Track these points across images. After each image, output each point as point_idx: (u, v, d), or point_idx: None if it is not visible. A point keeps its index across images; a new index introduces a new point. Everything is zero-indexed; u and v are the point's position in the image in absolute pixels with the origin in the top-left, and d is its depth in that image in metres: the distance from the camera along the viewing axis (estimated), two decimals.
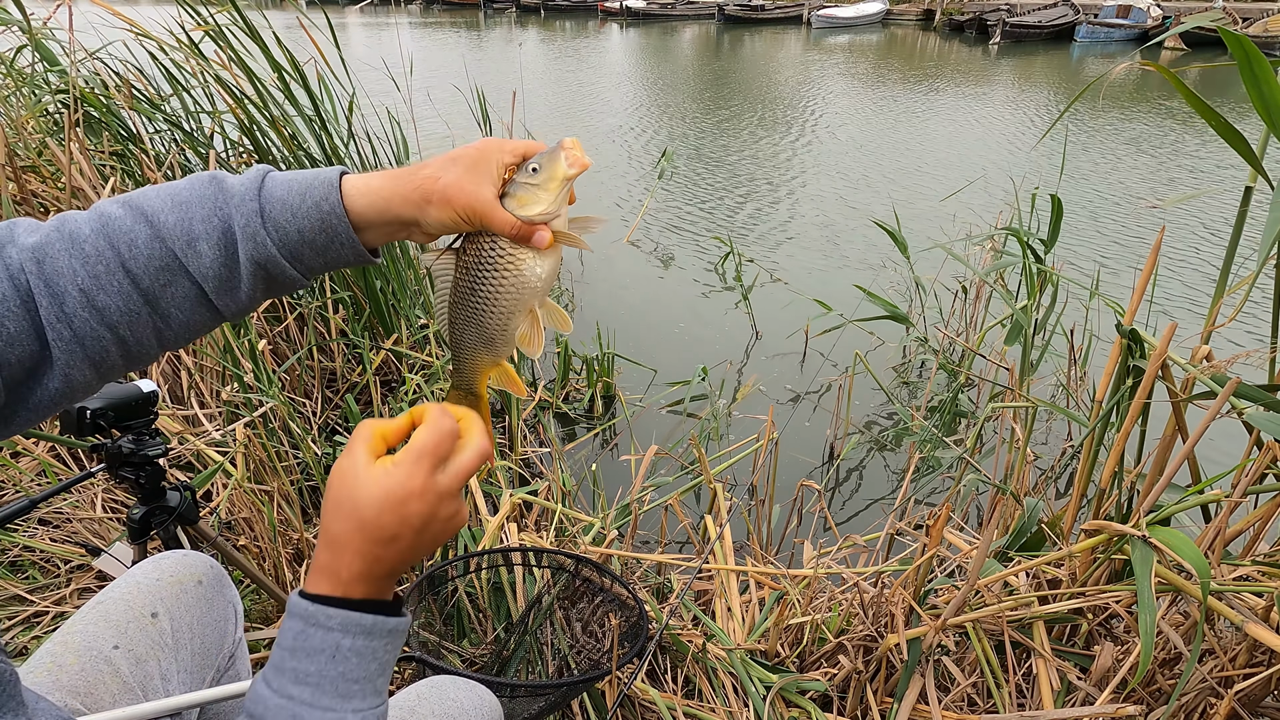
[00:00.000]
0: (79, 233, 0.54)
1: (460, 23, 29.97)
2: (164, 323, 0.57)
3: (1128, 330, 1.30)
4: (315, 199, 0.58)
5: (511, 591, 1.65)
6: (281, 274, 0.59)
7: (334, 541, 0.52)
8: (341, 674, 0.50)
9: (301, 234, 0.58)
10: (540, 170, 0.60)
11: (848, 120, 10.62)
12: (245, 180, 0.58)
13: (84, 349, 0.55)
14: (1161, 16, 22.49)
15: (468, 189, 0.58)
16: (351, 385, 2.83)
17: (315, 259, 0.59)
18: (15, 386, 0.53)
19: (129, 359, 0.58)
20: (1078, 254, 5.12)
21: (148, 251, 0.55)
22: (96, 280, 0.54)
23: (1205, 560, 0.98)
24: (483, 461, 0.56)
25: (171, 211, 0.56)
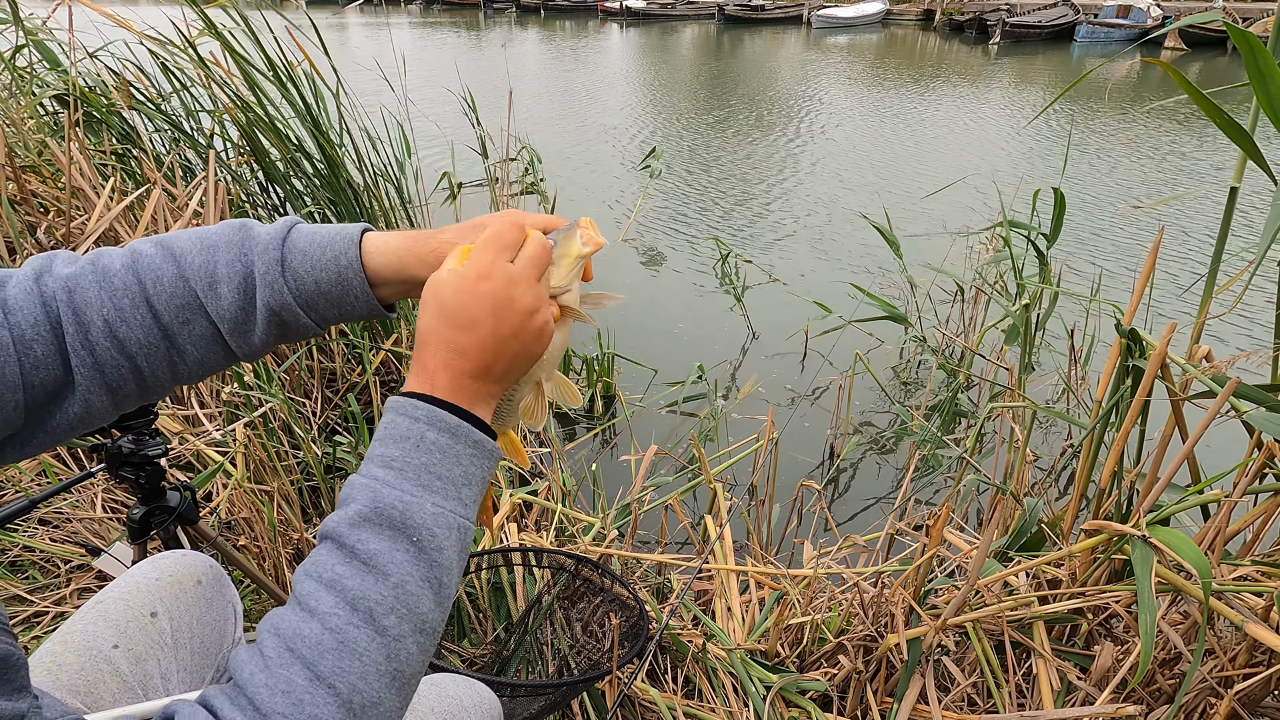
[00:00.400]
0: (110, 267, 0.58)
1: (460, 23, 29.97)
2: (179, 357, 0.60)
3: (1127, 330, 1.30)
4: (334, 253, 0.60)
5: (511, 592, 1.65)
6: (295, 321, 0.61)
7: (421, 337, 0.54)
8: (424, 465, 0.51)
9: (318, 285, 0.60)
10: (556, 247, 0.60)
11: (846, 121, 10.62)
12: (272, 230, 0.62)
13: (103, 376, 0.57)
14: (1161, 16, 22.49)
15: None
16: (351, 385, 2.83)
17: (329, 310, 0.62)
18: (36, 409, 0.56)
19: (144, 389, 0.60)
20: (1078, 254, 5.13)
21: (171, 289, 0.58)
22: (121, 313, 0.57)
23: (1206, 560, 0.98)
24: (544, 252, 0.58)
25: (199, 254, 0.59)
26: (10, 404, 0.53)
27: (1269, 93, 1.05)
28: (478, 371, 0.54)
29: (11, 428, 0.54)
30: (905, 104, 12.06)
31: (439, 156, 5.36)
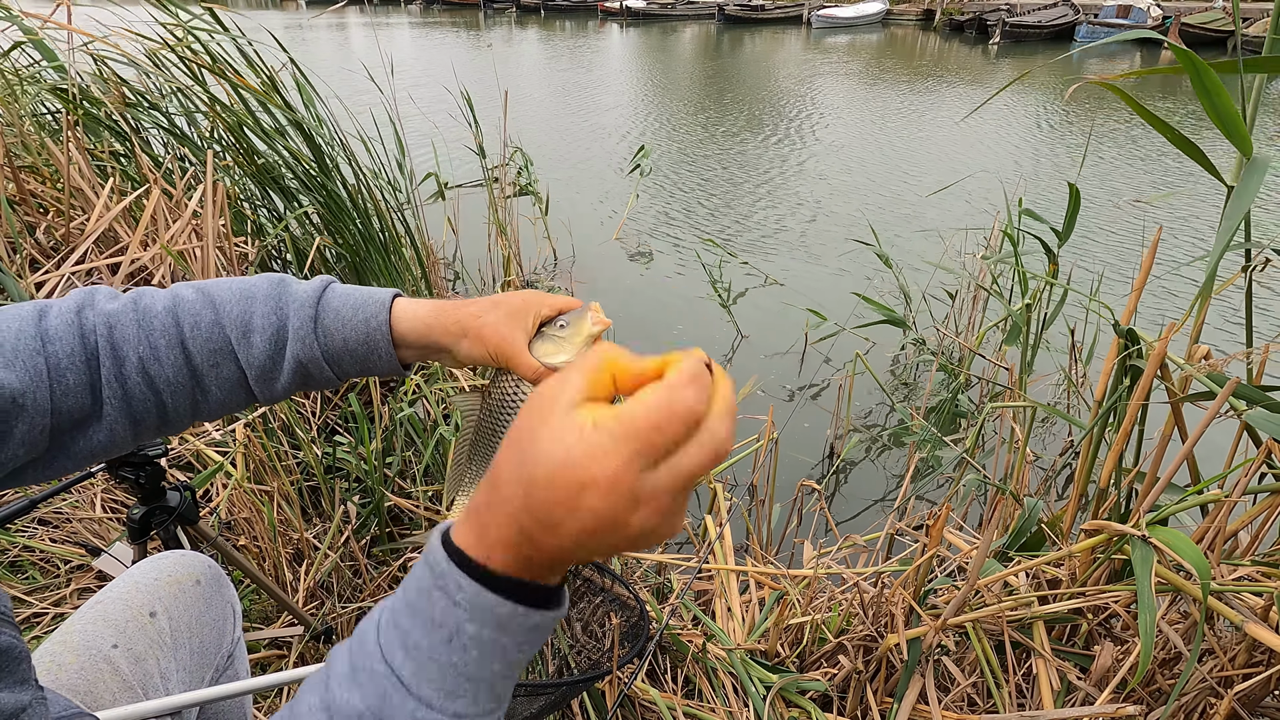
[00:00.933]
0: (152, 308, 0.62)
1: (460, 23, 29.98)
2: (203, 397, 0.64)
3: (1125, 330, 1.30)
4: (365, 315, 0.65)
5: None
6: (320, 374, 0.65)
7: (496, 484, 0.40)
8: (453, 665, 0.40)
9: (346, 343, 0.65)
10: (568, 326, 0.66)
11: (846, 121, 10.62)
12: (309, 288, 0.66)
13: (130, 408, 0.61)
14: (1162, 16, 22.49)
15: (503, 332, 0.64)
16: (352, 385, 2.83)
17: (353, 366, 0.66)
18: (60, 434, 0.58)
19: (164, 423, 0.63)
20: (1077, 253, 5.13)
21: (207, 334, 0.62)
22: (155, 351, 0.61)
23: (1205, 560, 0.98)
24: (716, 462, 0.38)
25: (237, 303, 0.63)
26: (38, 428, 0.56)
27: (1216, 107, 1.09)
28: (552, 564, 0.40)
29: (36, 451, 0.57)
30: (905, 104, 12.06)
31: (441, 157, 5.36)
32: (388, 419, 2.44)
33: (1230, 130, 1.10)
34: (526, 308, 0.66)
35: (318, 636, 1.65)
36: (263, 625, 1.72)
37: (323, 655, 1.70)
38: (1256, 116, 1.20)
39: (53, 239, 2.58)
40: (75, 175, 2.57)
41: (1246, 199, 1.05)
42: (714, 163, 8.04)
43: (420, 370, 2.80)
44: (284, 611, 1.72)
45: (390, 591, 1.94)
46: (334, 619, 1.78)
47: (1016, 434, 2.01)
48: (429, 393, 2.47)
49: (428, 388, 2.51)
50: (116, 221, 2.57)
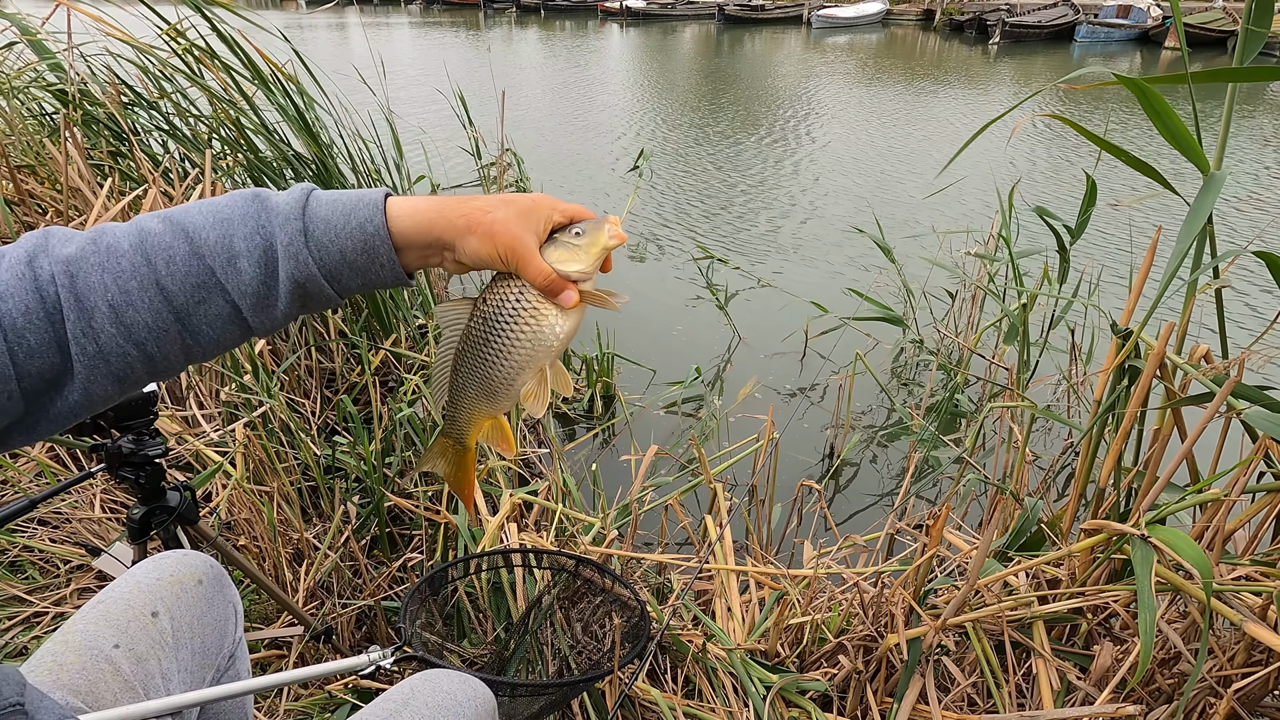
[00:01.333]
0: (117, 246, 0.54)
1: (460, 23, 29.97)
2: (193, 339, 0.57)
3: (1123, 330, 1.30)
4: (360, 220, 0.58)
5: (512, 592, 1.65)
6: (319, 293, 0.59)
7: None
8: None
9: (343, 254, 0.59)
10: (584, 235, 0.62)
11: (845, 122, 10.63)
12: (290, 198, 0.59)
13: (108, 364, 0.54)
14: (1162, 17, 22.47)
15: (513, 229, 0.60)
16: (350, 385, 2.83)
17: (353, 279, 0.60)
18: (36, 397, 0.53)
19: (153, 373, 0.58)
20: (1077, 254, 5.12)
21: (185, 269, 0.55)
22: (127, 296, 0.54)
23: (1206, 560, 0.98)
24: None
25: (213, 229, 0.56)
26: (3, 394, 0.51)
27: (1169, 127, 1.13)
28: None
29: (11, 416, 0.52)
30: (903, 104, 12.06)
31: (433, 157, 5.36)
32: (387, 419, 2.44)
33: (1185, 148, 1.14)
34: (537, 209, 0.61)
35: (318, 636, 1.65)
36: (263, 625, 1.72)
37: (323, 655, 1.71)
38: (1230, 124, 1.23)
39: None
40: (73, 175, 2.57)
41: (1202, 212, 1.08)
42: (712, 163, 8.05)
43: (419, 370, 2.80)
44: (284, 611, 1.72)
45: (390, 591, 1.94)
46: (334, 619, 1.78)
47: (1016, 434, 2.01)
48: (428, 393, 2.47)
49: (427, 388, 2.51)
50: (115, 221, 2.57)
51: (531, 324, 0.62)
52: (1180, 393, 1.29)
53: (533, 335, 0.62)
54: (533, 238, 0.60)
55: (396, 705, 0.85)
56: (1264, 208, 6.02)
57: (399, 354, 2.90)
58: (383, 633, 1.84)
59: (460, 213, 0.60)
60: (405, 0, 38.54)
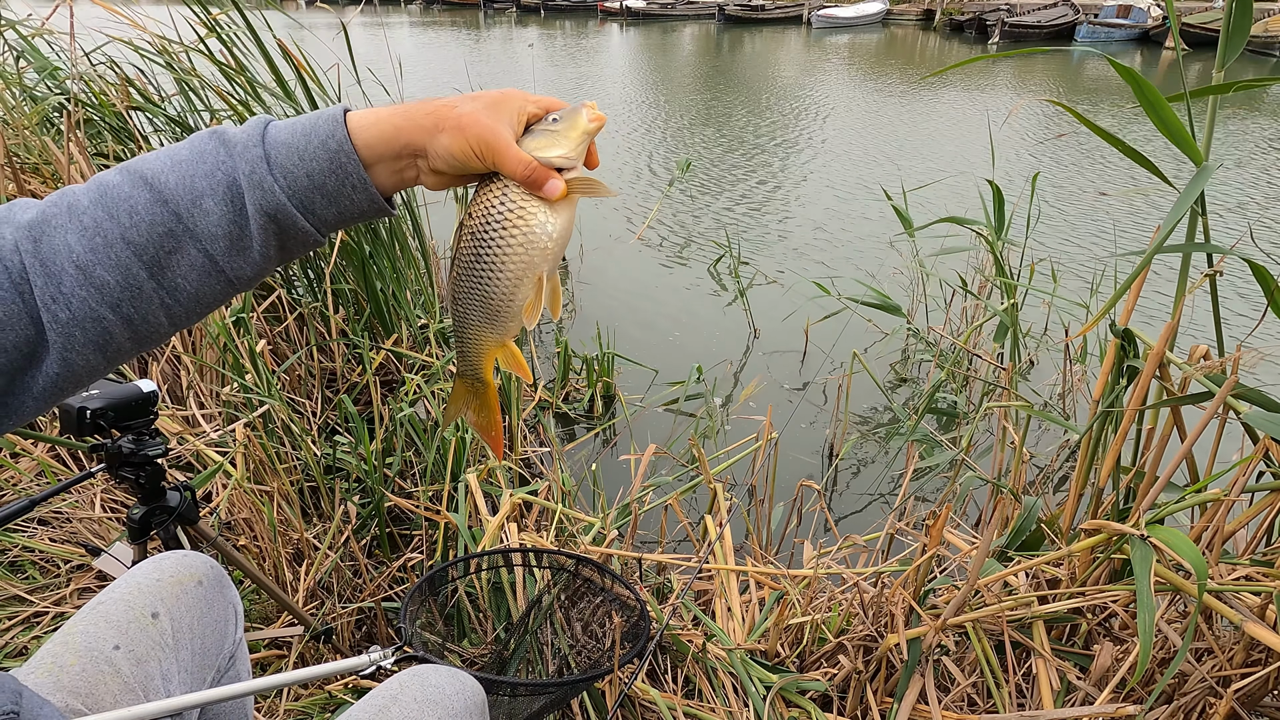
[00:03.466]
0: (77, 204, 0.51)
1: (460, 22, 29.97)
2: (171, 297, 0.54)
3: (1121, 330, 1.30)
4: (321, 137, 0.55)
5: (512, 592, 1.65)
6: (293, 225, 0.55)
7: None
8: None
9: (310, 177, 0.55)
10: (561, 120, 0.58)
11: (844, 122, 10.63)
12: (246, 129, 0.55)
13: (84, 331, 0.51)
14: (1162, 16, 22.47)
15: (484, 120, 0.56)
16: (351, 385, 2.83)
17: (327, 207, 0.56)
18: (16, 374, 0.51)
19: (138, 340, 0.54)
20: (1075, 254, 5.13)
21: (149, 218, 0.52)
22: (95, 254, 0.50)
23: (1203, 559, 0.98)
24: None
25: (172, 171, 0.53)
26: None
27: (1162, 118, 1.15)
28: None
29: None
30: (903, 104, 12.06)
31: None
32: (388, 419, 2.44)
33: (1179, 141, 1.16)
34: (508, 100, 0.58)
35: (318, 636, 1.65)
36: (263, 625, 1.72)
37: (323, 655, 1.71)
38: (1215, 125, 1.25)
39: None
40: (75, 175, 2.57)
41: (1188, 198, 1.09)
42: (712, 164, 8.04)
43: (420, 370, 2.80)
44: (284, 611, 1.72)
45: (390, 591, 1.95)
46: (334, 619, 1.78)
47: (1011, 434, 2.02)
48: (429, 393, 2.48)
49: (428, 388, 2.51)
50: None
51: (521, 226, 0.58)
52: (1179, 393, 1.29)
53: (524, 239, 0.58)
54: (507, 128, 0.57)
55: (385, 701, 0.85)
56: (1261, 208, 6.03)
57: (400, 354, 2.90)
58: (383, 633, 1.84)
59: (425, 111, 0.56)
60: (405, 0, 38.52)
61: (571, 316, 4.28)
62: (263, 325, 2.75)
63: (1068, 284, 4.22)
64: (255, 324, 2.61)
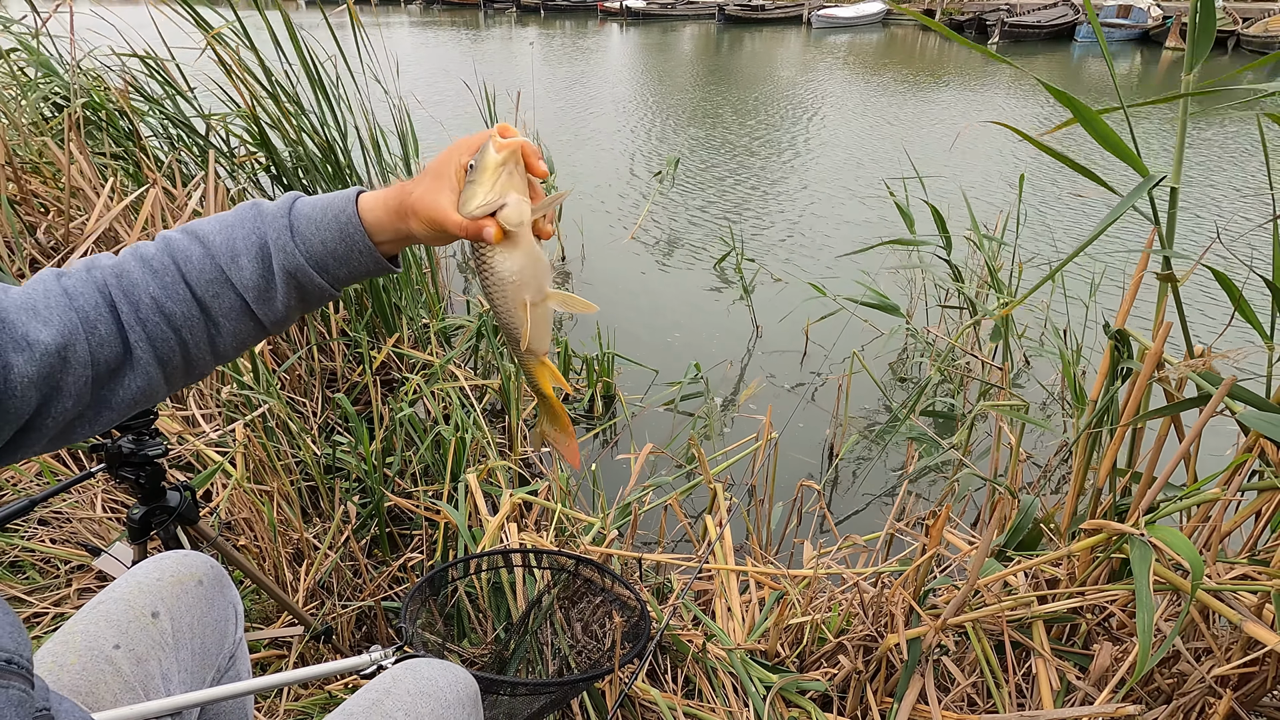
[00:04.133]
0: (147, 253, 0.64)
1: (460, 22, 29.96)
2: (216, 330, 0.65)
3: (1115, 332, 1.30)
4: (334, 213, 0.67)
5: (511, 592, 1.65)
6: (310, 282, 0.66)
7: None
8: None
9: (325, 244, 0.66)
10: (474, 165, 0.62)
11: (845, 122, 10.62)
12: (279, 203, 0.68)
13: (154, 350, 0.63)
14: (1162, 16, 22.47)
15: (428, 200, 0.64)
16: (352, 385, 2.83)
17: (339, 268, 0.67)
18: (100, 386, 0.61)
19: (189, 364, 0.66)
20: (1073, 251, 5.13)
21: (200, 265, 0.64)
22: (164, 290, 0.63)
23: (1199, 557, 0.98)
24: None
25: (219, 233, 0.66)
26: (82, 380, 0.59)
27: (1099, 132, 1.22)
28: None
29: (82, 404, 0.60)
30: (902, 104, 12.06)
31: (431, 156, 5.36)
32: (388, 419, 2.44)
33: (1123, 155, 1.21)
34: (447, 164, 0.65)
35: (318, 636, 1.65)
36: (263, 625, 1.72)
37: (323, 655, 1.71)
38: (1186, 138, 1.26)
39: (53, 239, 2.58)
40: (75, 175, 2.57)
41: (1124, 207, 1.13)
42: (714, 164, 8.04)
43: (421, 369, 2.80)
44: (284, 611, 1.72)
45: (390, 591, 1.95)
46: (334, 619, 1.78)
47: (1008, 434, 2.02)
48: (429, 392, 2.48)
49: (428, 388, 2.51)
50: (116, 221, 2.57)
51: (489, 272, 0.65)
52: (1177, 393, 1.29)
53: (496, 280, 0.65)
54: (448, 197, 0.64)
55: (379, 694, 0.86)
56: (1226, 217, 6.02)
57: (401, 353, 2.90)
58: (383, 633, 1.84)
59: (398, 200, 0.66)
60: (405, 0, 38.52)
61: (572, 317, 4.28)
62: None
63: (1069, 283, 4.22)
64: None
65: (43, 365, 0.56)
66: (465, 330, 3.12)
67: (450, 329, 3.29)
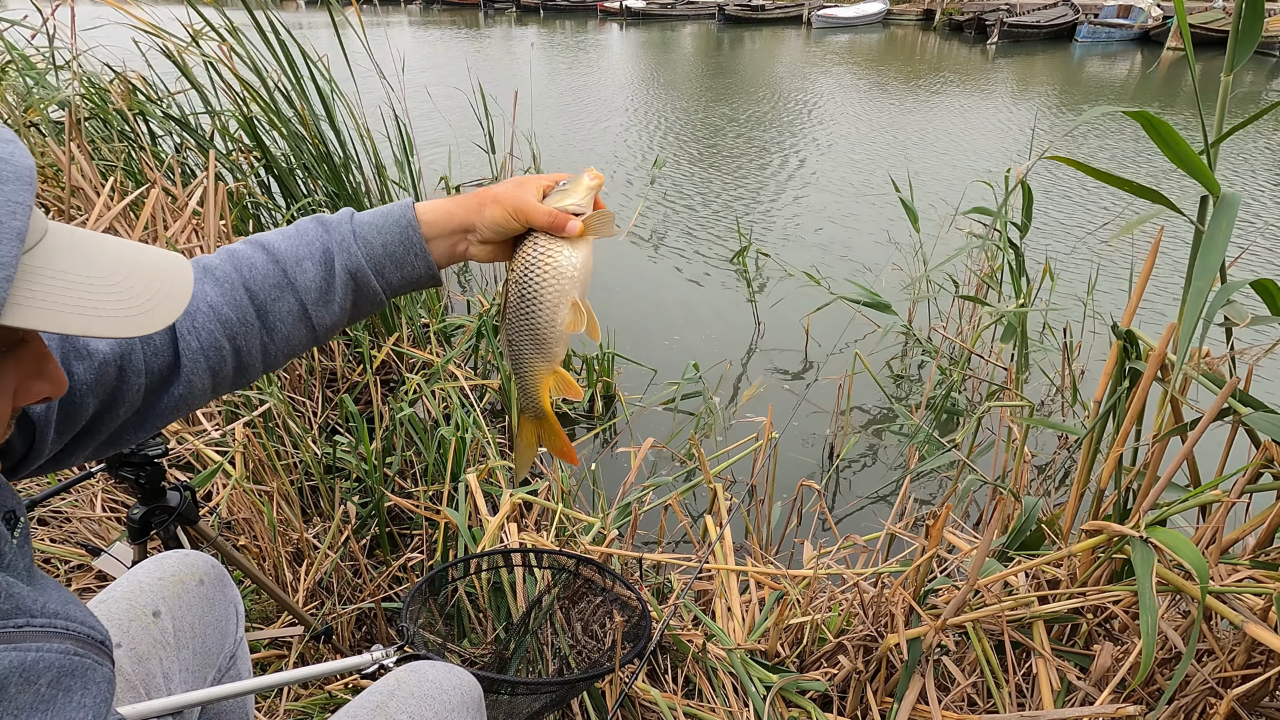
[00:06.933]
0: (210, 263, 0.69)
1: (460, 22, 29.96)
2: (269, 336, 0.70)
3: (1124, 332, 1.30)
4: (394, 217, 0.74)
5: (512, 592, 1.65)
6: (367, 283, 0.73)
7: None
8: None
9: (385, 246, 0.73)
10: (569, 182, 0.76)
11: (845, 121, 10.62)
12: (339, 215, 0.75)
13: (206, 359, 0.67)
14: (1162, 16, 22.45)
15: (513, 192, 0.74)
16: (352, 385, 2.83)
17: (394, 272, 0.74)
18: (151, 393, 0.65)
19: (239, 370, 0.70)
20: (1075, 251, 5.13)
21: (264, 270, 0.69)
22: (223, 295, 0.67)
23: (1204, 561, 0.98)
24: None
25: (283, 240, 0.71)
26: (135, 387, 0.63)
27: (1174, 149, 1.15)
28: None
29: (133, 409, 0.64)
30: (901, 104, 12.06)
31: (438, 156, 5.36)
32: (388, 418, 2.44)
33: (1194, 171, 1.14)
34: (528, 181, 0.76)
35: (318, 636, 1.65)
36: (263, 625, 1.72)
37: (323, 655, 1.71)
38: None
39: None
40: (75, 174, 2.57)
41: (1219, 240, 1.05)
42: (714, 164, 8.04)
43: (421, 369, 2.80)
44: (284, 611, 1.72)
45: (390, 591, 1.94)
46: (334, 619, 1.78)
47: (1014, 433, 2.02)
48: (429, 392, 2.48)
49: (428, 387, 2.51)
50: (116, 220, 2.57)
51: (551, 262, 0.73)
52: (1180, 395, 1.29)
53: (555, 270, 0.73)
54: (531, 194, 0.74)
55: (383, 696, 0.86)
56: None
57: (401, 353, 2.90)
58: (383, 632, 1.84)
59: (472, 196, 0.75)
60: (405, 0, 38.51)
61: None
62: None
63: (1066, 283, 4.22)
64: None
65: (101, 373, 0.61)
66: (465, 330, 3.12)
67: (450, 329, 3.29)
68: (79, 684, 0.48)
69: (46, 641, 0.47)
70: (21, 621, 0.47)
